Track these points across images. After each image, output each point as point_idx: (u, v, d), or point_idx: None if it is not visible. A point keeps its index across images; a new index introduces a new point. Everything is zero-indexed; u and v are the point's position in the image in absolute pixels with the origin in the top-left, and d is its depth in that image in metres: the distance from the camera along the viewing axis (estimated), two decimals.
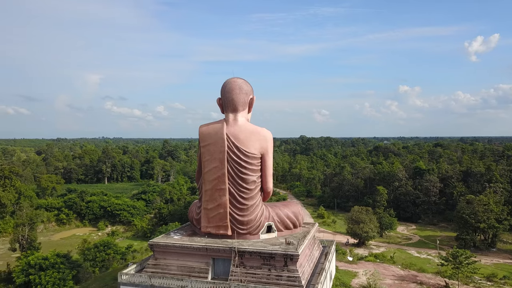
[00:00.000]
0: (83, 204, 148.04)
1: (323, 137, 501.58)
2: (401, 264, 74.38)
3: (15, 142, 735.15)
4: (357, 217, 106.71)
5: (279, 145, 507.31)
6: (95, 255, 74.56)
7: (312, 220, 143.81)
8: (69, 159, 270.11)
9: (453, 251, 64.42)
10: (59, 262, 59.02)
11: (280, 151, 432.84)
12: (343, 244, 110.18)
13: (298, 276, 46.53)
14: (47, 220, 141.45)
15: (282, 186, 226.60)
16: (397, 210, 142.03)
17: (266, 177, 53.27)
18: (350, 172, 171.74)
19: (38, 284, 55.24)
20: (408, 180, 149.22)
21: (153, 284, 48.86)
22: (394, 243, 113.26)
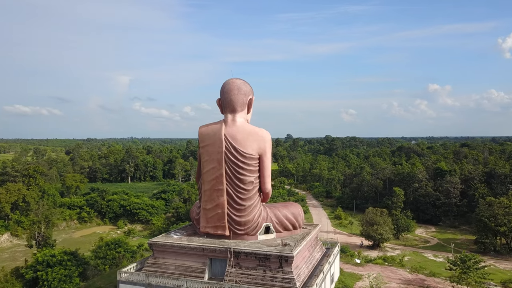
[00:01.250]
0: (104, 203, 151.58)
1: (348, 137, 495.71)
2: (410, 268, 72.54)
3: (48, 142, 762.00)
4: (371, 218, 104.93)
5: (302, 145, 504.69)
6: (106, 253, 76.23)
7: (329, 221, 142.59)
8: (95, 159, 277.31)
9: (461, 255, 62.37)
10: (66, 259, 60.79)
11: (304, 151, 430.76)
12: (358, 246, 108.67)
13: (292, 278, 46.21)
14: (69, 218, 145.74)
15: (302, 187, 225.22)
16: (416, 212, 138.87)
17: (264, 177, 53.15)
18: (370, 173, 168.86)
19: (45, 280, 57.13)
20: (428, 181, 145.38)
21: (150, 282, 49.65)
22: (410, 245, 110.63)
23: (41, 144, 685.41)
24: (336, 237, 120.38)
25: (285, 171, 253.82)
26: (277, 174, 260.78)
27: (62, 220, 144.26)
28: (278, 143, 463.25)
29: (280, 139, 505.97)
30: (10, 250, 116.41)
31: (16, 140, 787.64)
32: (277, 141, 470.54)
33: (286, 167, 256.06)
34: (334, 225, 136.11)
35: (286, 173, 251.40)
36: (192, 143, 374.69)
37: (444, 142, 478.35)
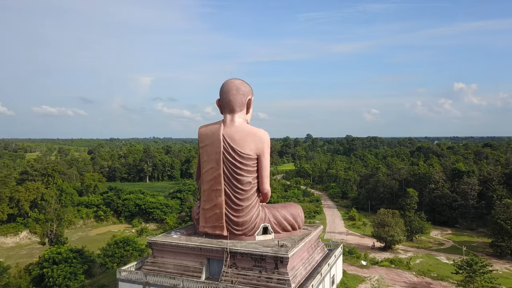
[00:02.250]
0: (120, 201, 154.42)
1: (369, 137, 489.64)
2: (416, 271, 71.04)
3: (72, 142, 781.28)
4: (383, 220, 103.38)
5: (321, 145, 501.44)
6: (114, 251, 77.59)
7: (342, 222, 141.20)
8: (115, 158, 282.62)
9: (468, 259, 60.67)
10: (71, 256, 62.27)
11: (323, 152, 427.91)
12: (369, 248, 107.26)
13: (288, 279, 45.94)
14: (86, 216, 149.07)
15: (318, 187, 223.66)
16: (432, 213, 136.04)
17: (262, 178, 52.96)
18: (385, 173, 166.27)
19: (50, 277, 58.65)
20: (445, 182, 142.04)
21: (148, 281, 50.27)
22: (423, 248, 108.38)
23: (66, 144, 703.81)
24: (348, 238, 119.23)
25: (301, 172, 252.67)
26: (293, 174, 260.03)
27: (79, 218, 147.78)
28: (297, 143, 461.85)
29: (299, 139, 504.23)
30: (28, 247, 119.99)
31: (43, 140, 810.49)
32: (295, 141, 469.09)
33: (302, 167, 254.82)
34: (347, 226, 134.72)
35: (303, 173, 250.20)
36: None
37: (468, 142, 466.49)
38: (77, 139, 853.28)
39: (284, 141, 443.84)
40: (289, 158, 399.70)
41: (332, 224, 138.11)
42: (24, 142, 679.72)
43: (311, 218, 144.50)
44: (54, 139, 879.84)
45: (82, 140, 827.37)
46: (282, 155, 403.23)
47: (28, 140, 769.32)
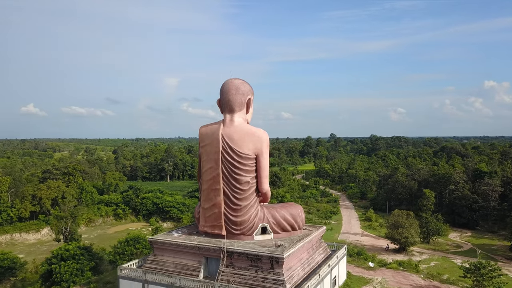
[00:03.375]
0: (138, 200, 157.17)
1: (394, 137, 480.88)
2: (425, 273, 69.20)
3: (99, 142, 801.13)
4: (397, 221, 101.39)
5: (344, 145, 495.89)
6: (124, 249, 79.04)
7: (359, 223, 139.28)
8: (137, 158, 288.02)
9: (476, 262, 58.70)
10: (79, 253, 63.89)
11: (345, 151, 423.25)
12: (383, 249, 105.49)
13: (283, 279, 45.74)
14: (105, 214, 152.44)
15: (338, 187, 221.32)
16: (451, 215, 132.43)
17: (261, 178, 52.84)
18: (405, 174, 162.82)
19: (58, 273, 60.40)
20: (466, 183, 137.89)
21: (147, 279, 51.06)
22: (440, 250, 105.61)
23: (94, 143, 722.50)
24: (362, 239, 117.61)
25: (321, 172, 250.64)
26: (313, 174, 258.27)
27: (98, 216, 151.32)
28: (319, 143, 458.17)
29: (321, 139, 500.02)
30: (49, 244, 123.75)
31: (71, 140, 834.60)
32: (318, 141, 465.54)
33: (322, 168, 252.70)
34: (363, 227, 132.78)
35: (323, 173, 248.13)
36: None
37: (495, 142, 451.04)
38: (104, 139, 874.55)
39: (306, 140, 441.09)
40: (311, 158, 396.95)
41: (348, 225, 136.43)
42: (54, 142, 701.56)
43: (327, 218, 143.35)
44: (83, 139, 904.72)
45: (109, 140, 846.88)
46: (303, 155, 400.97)
47: (57, 140, 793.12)
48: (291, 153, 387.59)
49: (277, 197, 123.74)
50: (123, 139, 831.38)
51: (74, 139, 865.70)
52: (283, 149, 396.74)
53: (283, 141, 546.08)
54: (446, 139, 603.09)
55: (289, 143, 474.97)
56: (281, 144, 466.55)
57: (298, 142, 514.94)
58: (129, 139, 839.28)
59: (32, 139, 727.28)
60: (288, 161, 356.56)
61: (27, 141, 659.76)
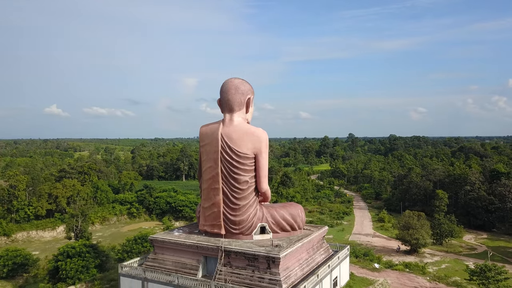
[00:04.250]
0: (151, 199, 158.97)
1: (413, 137, 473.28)
2: (431, 276, 67.80)
3: (119, 142, 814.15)
4: (407, 222, 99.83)
5: (362, 145, 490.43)
6: (132, 247, 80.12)
7: (371, 224, 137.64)
8: (154, 158, 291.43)
9: (482, 265, 57.20)
10: (85, 251, 65.10)
11: (363, 151, 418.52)
12: (394, 251, 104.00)
13: (279, 279, 45.63)
14: (120, 213, 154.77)
15: (352, 188, 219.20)
16: (467, 216, 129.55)
17: (260, 177, 52.82)
18: (420, 174, 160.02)
19: (63, 270, 61.73)
20: (482, 184, 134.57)
21: (146, 277, 51.69)
22: (453, 252, 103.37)
23: (113, 143, 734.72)
24: (374, 240, 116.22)
25: (337, 172, 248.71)
26: (328, 174, 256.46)
27: (113, 214, 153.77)
28: (336, 143, 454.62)
29: (338, 139, 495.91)
30: (64, 241, 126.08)
31: (92, 140, 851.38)
32: (335, 141, 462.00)
33: (338, 168, 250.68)
34: (375, 228, 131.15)
35: (338, 173, 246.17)
36: None
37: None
38: (124, 138, 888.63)
39: (323, 140, 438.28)
40: (327, 158, 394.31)
41: (360, 225, 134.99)
42: (75, 142, 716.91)
43: (339, 219, 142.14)
44: (103, 138, 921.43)
45: (128, 140, 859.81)
46: (320, 155, 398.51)
47: (79, 140, 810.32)
48: (308, 153, 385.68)
49: (287, 197, 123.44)
50: (142, 139, 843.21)
51: (95, 139, 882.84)
52: (299, 149, 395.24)
53: (299, 141, 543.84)
54: (468, 139, 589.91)
55: (306, 143, 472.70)
56: (297, 144, 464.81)
57: (315, 142, 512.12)
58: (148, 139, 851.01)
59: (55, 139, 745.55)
60: (304, 161, 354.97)
61: (49, 141, 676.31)
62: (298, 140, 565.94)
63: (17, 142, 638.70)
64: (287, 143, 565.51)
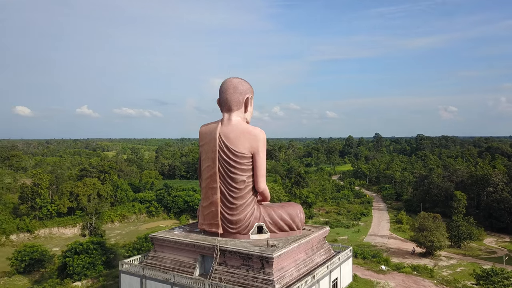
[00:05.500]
0: (170, 198, 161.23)
1: (441, 137, 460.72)
2: (439, 279, 65.76)
3: (146, 142, 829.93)
4: (422, 224, 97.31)
5: (388, 145, 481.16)
6: (142, 245, 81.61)
7: (388, 225, 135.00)
8: (176, 157, 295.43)
9: (488, 269, 55.09)
10: (92, 248, 66.83)
11: (388, 151, 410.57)
12: (409, 253, 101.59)
13: (272, 279, 45.49)
14: (139, 211, 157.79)
15: (374, 188, 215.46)
16: (489, 219, 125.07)
17: (257, 177, 52.78)
18: (441, 175, 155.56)
19: (71, 266, 63.53)
20: (506, 185, 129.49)
21: (144, 274, 52.53)
22: (470, 255, 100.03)
23: (141, 143, 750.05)
24: (389, 242, 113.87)
25: (358, 172, 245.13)
26: (350, 175, 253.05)
27: (132, 213, 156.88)
28: (361, 142, 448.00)
29: (363, 139, 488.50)
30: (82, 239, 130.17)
31: (120, 140, 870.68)
32: (359, 141, 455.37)
33: (359, 168, 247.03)
34: (392, 229, 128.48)
35: (360, 174, 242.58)
36: (269, 143, 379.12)
37: None
38: (151, 138, 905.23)
39: (347, 140, 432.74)
40: (351, 158, 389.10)
41: (376, 226, 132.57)
42: (104, 141, 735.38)
43: (356, 220, 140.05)
44: (131, 138, 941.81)
45: (155, 139, 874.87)
46: (343, 155, 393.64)
47: (108, 140, 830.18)
48: (331, 153, 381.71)
49: (301, 197, 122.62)
50: (168, 139, 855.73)
51: (123, 139, 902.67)
52: (322, 149, 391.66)
53: (322, 141, 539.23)
54: (500, 138, 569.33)
55: (329, 143, 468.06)
56: (321, 144, 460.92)
57: (339, 142, 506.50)
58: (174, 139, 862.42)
59: (84, 139, 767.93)
60: (326, 161, 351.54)
61: (79, 141, 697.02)
62: (321, 140, 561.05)
63: (49, 142, 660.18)
64: (312, 143, 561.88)
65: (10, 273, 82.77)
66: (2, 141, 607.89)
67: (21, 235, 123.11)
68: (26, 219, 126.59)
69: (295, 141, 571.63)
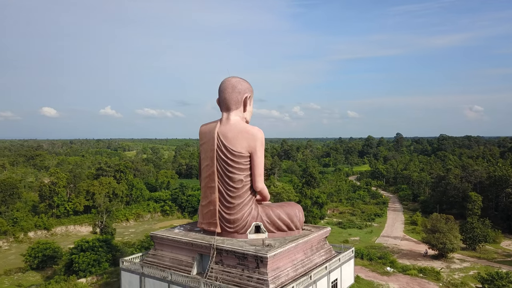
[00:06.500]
0: (184, 197, 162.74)
1: (464, 137, 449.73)
2: (444, 282, 64.12)
3: (167, 142, 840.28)
4: (434, 225, 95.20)
5: (408, 145, 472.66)
6: (150, 243, 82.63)
7: (402, 227, 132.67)
8: (194, 157, 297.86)
9: (493, 273, 53.37)
10: (98, 245, 68.12)
11: (408, 152, 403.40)
12: (421, 255, 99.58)
13: (266, 279, 45.36)
14: (153, 210, 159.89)
15: (391, 189, 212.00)
16: (507, 221, 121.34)
17: (255, 176, 52.73)
18: (458, 175, 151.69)
19: (76, 263, 64.96)
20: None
21: (143, 272, 53.20)
22: (485, 258, 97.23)
23: (162, 143, 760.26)
24: (402, 243, 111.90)
25: (376, 173, 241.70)
26: (368, 175, 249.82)
27: (147, 212, 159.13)
28: (381, 142, 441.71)
29: (383, 139, 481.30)
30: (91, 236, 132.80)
31: (142, 140, 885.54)
32: (379, 141, 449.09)
33: (377, 168, 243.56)
34: (406, 230, 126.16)
35: (377, 174, 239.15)
36: (287, 143, 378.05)
37: None
38: (172, 138, 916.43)
39: (366, 140, 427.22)
40: (371, 158, 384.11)
41: (390, 228, 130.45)
42: (126, 141, 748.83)
43: (370, 221, 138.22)
44: (152, 139, 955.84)
45: (176, 140, 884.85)
46: (362, 156, 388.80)
47: (130, 140, 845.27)
48: (349, 153, 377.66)
49: (311, 197, 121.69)
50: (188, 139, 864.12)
51: (145, 139, 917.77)
52: (341, 149, 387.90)
53: (342, 141, 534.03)
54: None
55: (348, 143, 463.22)
56: (340, 144, 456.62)
57: (359, 141, 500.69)
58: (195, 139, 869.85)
59: (107, 139, 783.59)
60: (344, 161, 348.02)
61: (101, 141, 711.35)
62: (341, 140, 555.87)
63: (72, 142, 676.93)
64: (331, 143, 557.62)
65: (24, 269, 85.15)
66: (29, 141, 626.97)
67: (39, 232, 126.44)
68: (43, 217, 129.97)
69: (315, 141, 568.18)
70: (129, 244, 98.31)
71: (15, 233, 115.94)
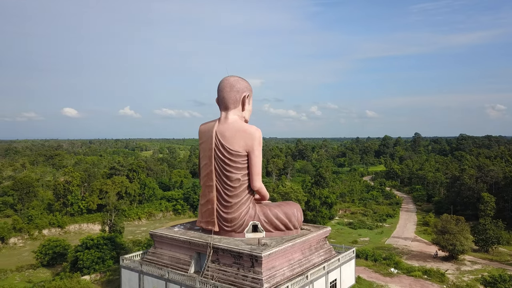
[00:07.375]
0: (196, 197, 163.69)
1: (484, 136, 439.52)
2: (449, 284, 62.70)
3: (184, 142, 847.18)
4: (444, 226, 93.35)
5: (426, 145, 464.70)
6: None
7: (414, 228, 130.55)
8: None
9: (496, 275, 51.98)
10: (102, 243, 69.16)
11: (426, 152, 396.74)
12: (431, 256, 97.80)
13: (260, 278, 45.35)
14: (165, 209, 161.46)
15: (405, 189, 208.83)
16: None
17: (252, 175, 52.76)
18: (473, 176, 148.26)
19: (81, 260, 66.12)
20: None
21: (142, 270, 53.80)
22: (498, 261, 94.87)
23: (179, 143, 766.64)
24: (412, 244, 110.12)
25: (391, 173, 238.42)
26: (383, 175, 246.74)
27: (159, 211, 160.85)
28: (397, 142, 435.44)
29: (401, 139, 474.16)
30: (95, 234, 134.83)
31: (159, 140, 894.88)
32: (396, 141, 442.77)
33: (392, 168, 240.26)
34: (417, 231, 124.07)
35: (392, 174, 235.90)
36: (302, 142, 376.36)
37: None
38: (189, 138, 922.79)
39: (383, 140, 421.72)
40: (387, 158, 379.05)
41: (402, 228, 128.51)
42: (144, 141, 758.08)
43: (381, 221, 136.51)
44: (170, 138, 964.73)
45: (193, 139, 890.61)
46: (379, 155, 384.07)
47: (148, 140, 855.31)
48: (365, 153, 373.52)
49: (320, 197, 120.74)
50: None
51: (162, 139, 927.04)
52: (357, 149, 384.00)
53: (358, 141, 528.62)
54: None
55: (365, 143, 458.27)
56: (356, 144, 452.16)
57: (375, 141, 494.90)
58: None
59: (125, 139, 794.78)
60: (359, 161, 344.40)
61: (120, 141, 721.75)
62: (358, 140, 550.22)
63: (92, 141, 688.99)
64: (348, 143, 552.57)
65: (35, 266, 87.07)
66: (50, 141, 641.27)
67: (53, 230, 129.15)
68: (57, 215, 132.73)
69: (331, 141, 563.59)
70: (137, 242, 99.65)
71: (30, 230, 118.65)
